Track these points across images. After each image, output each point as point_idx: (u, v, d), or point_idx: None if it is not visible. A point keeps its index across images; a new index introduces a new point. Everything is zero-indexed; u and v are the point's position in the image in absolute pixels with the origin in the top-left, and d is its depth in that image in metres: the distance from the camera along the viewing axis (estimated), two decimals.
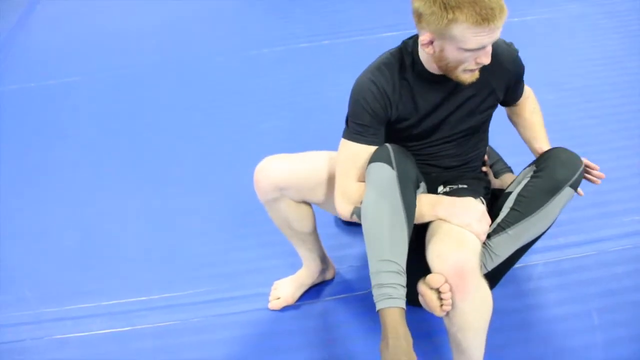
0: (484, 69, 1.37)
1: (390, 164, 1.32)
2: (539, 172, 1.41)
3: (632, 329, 1.63)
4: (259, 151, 1.76)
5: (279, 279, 1.82)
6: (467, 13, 1.20)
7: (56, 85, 2.90)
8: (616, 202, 1.98)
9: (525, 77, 2.49)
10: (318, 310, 1.75)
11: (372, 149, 1.39)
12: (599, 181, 1.49)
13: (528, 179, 1.42)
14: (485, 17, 1.19)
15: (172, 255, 1.98)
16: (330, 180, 1.49)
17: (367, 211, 1.32)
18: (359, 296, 1.77)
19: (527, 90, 1.64)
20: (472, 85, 1.39)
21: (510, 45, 1.48)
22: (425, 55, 1.35)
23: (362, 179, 1.40)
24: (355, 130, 1.40)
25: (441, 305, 1.29)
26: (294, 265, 1.78)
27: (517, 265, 1.78)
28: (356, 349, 1.65)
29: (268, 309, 1.76)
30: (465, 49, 1.25)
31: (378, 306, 1.27)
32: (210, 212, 2.12)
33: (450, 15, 1.21)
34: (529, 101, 1.65)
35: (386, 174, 1.31)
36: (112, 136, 2.55)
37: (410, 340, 1.26)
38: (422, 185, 1.44)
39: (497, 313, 1.66)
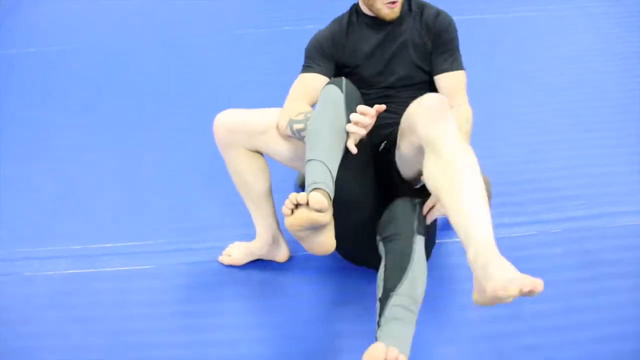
0: (415, 16, 1.64)
1: (340, 87, 1.49)
2: (389, 242, 1.47)
3: (558, 302, 1.72)
4: None
5: (236, 235, 1.94)
6: None
7: (53, 52, 3.06)
8: (563, 189, 2.07)
9: (497, 68, 2.65)
10: (267, 266, 1.87)
11: (318, 77, 1.61)
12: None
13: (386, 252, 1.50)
14: None
15: (140, 208, 2.12)
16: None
17: (312, 120, 1.46)
18: (307, 255, 1.88)
19: (462, 99, 1.65)
20: (405, 31, 1.64)
21: (435, 7, 1.69)
22: (360, 1, 1.65)
23: (307, 103, 1.59)
24: (305, 63, 1.65)
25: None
26: (251, 224, 1.86)
27: (458, 239, 1.91)
28: (296, 302, 1.77)
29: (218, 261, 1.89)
30: None
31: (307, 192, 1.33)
32: (180, 172, 2.26)
33: None
34: (459, 110, 1.61)
35: (335, 94, 1.47)
36: (99, 101, 2.70)
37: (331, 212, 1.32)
38: None
39: (428, 285, 1.79)
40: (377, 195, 1.63)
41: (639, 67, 2.64)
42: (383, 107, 1.41)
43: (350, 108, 1.45)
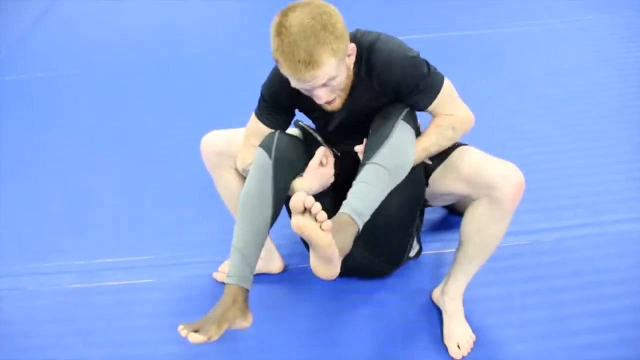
0: (364, 74, 1.44)
1: (269, 152, 1.49)
2: (374, 126, 1.48)
3: (547, 310, 1.74)
4: None
5: None
6: (280, 59, 1.31)
7: (60, 76, 3.19)
8: (557, 198, 2.09)
9: (494, 82, 2.61)
10: (263, 278, 1.91)
11: (262, 126, 1.57)
12: None
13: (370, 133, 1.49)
14: (292, 69, 1.30)
15: (141, 224, 2.19)
16: None
17: (242, 194, 1.50)
18: (302, 267, 1.93)
19: (453, 109, 1.53)
20: (361, 91, 1.47)
21: (386, 49, 1.44)
22: None
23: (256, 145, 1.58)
24: (259, 104, 1.59)
25: (320, 226, 1.22)
26: None
27: (449, 250, 1.94)
28: (292, 313, 1.81)
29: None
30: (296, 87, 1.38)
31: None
32: (179, 189, 2.33)
33: (275, 56, 1.33)
34: (444, 119, 1.53)
35: (263, 162, 1.48)
36: (103, 122, 2.80)
37: (232, 311, 1.42)
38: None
39: (419, 291, 1.83)
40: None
41: (634, 78, 2.66)
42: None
43: (278, 173, 1.47)
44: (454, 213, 2.07)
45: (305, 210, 1.21)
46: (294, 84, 1.37)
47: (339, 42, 1.31)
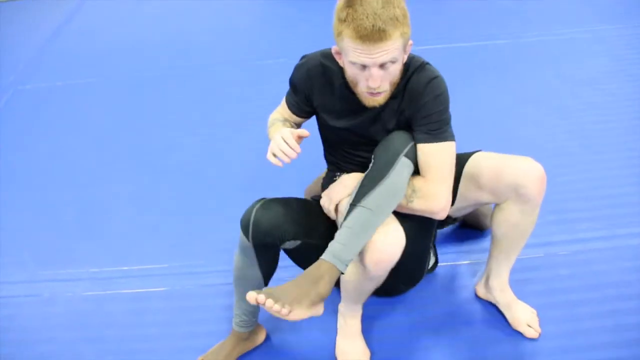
0: (407, 87, 1.45)
1: (247, 234, 1.49)
2: (376, 157, 1.46)
3: (563, 325, 1.72)
4: (248, 147, 1.96)
5: None
6: (349, 28, 1.29)
7: (77, 85, 3.23)
8: (573, 211, 2.07)
9: (509, 93, 2.52)
10: None
11: (292, 116, 1.65)
12: None
13: (370, 166, 1.47)
14: (361, 35, 1.28)
15: (155, 233, 2.20)
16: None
17: (233, 270, 1.62)
18: None
19: (435, 175, 1.47)
20: (392, 105, 1.48)
21: (432, 72, 1.47)
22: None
23: (283, 118, 1.67)
24: (288, 92, 1.65)
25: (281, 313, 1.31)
26: None
27: (463, 262, 1.94)
28: (293, 331, 1.72)
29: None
30: (351, 63, 1.34)
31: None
32: (193, 198, 2.34)
33: (340, 28, 1.31)
34: (414, 179, 1.49)
35: (245, 245, 1.52)
36: (118, 130, 2.82)
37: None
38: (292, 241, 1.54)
39: (434, 305, 1.82)
40: None
41: None
42: (306, 133, 1.42)
43: (261, 253, 1.52)
44: (466, 227, 2.06)
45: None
46: (354, 57, 1.32)
47: (407, 27, 1.33)
